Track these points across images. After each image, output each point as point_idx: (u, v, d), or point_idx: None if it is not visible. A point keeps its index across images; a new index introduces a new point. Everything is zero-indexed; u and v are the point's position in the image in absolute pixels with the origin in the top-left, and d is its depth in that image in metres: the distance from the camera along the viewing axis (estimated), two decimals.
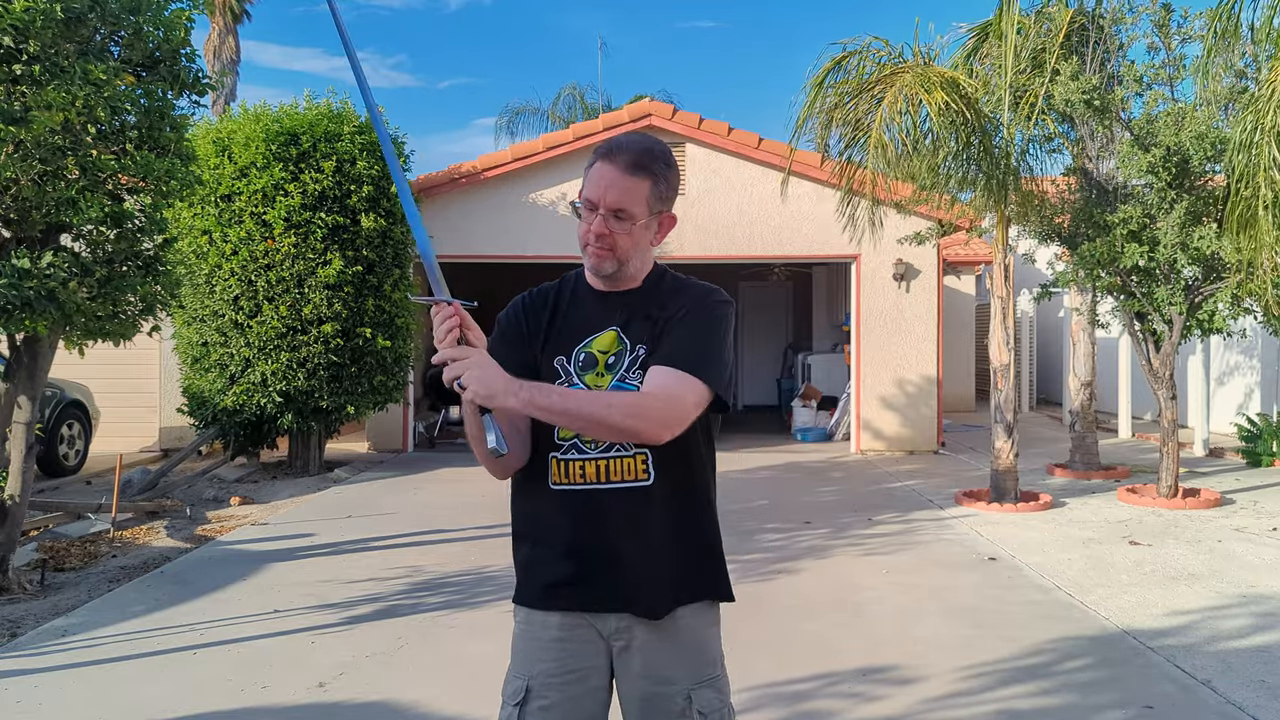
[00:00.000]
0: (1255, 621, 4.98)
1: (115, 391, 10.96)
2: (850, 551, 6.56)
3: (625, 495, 1.92)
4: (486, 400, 1.78)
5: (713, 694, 1.95)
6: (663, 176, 1.95)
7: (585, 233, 1.93)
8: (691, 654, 1.95)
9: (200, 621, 4.99)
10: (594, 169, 1.93)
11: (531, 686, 1.95)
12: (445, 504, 8.37)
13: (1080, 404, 9.94)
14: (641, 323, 1.96)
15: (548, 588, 1.97)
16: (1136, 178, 7.82)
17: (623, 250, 1.93)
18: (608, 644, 1.96)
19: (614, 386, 1.92)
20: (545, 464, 1.95)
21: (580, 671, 1.96)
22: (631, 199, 1.90)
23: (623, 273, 1.97)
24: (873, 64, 7.92)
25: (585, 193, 1.93)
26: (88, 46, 5.28)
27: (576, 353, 1.96)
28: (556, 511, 1.95)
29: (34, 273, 5.00)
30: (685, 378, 1.86)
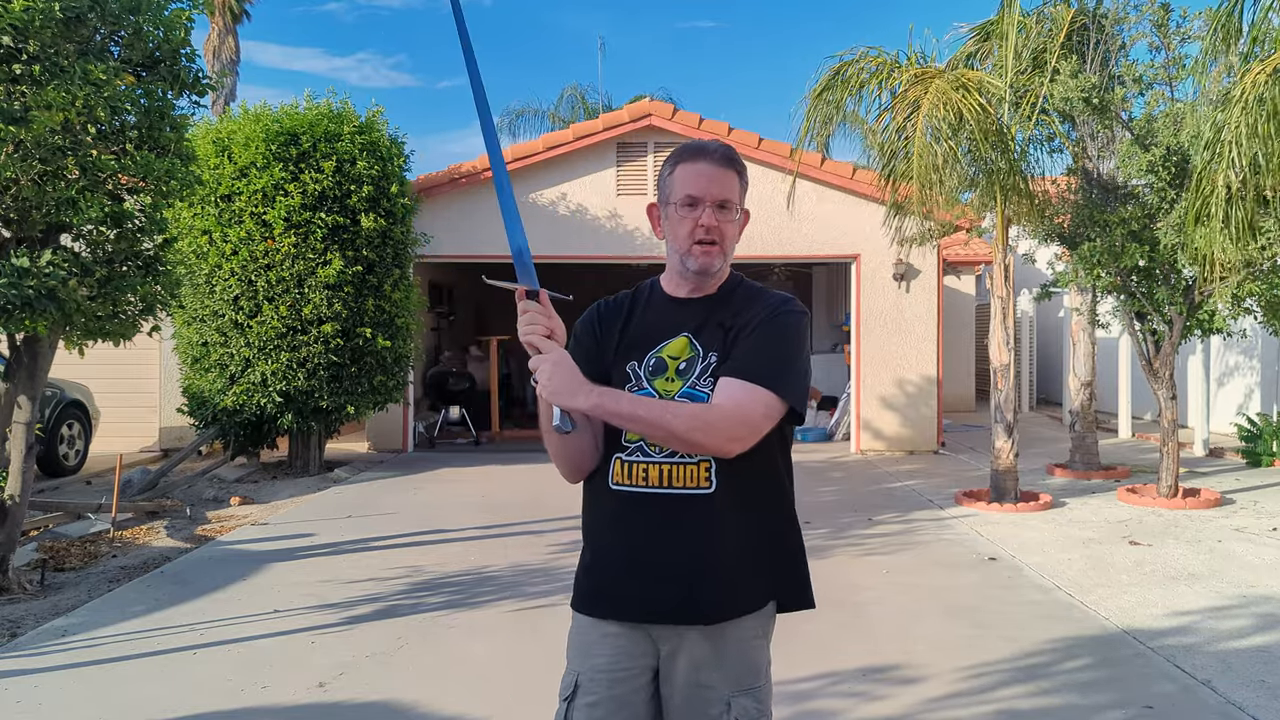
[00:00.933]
0: (1255, 621, 4.98)
1: (115, 391, 10.96)
2: (850, 551, 6.56)
3: (685, 502, 1.92)
4: (555, 398, 1.83)
5: (752, 703, 1.95)
6: (744, 171, 2.02)
7: (692, 230, 1.95)
8: (735, 662, 1.95)
9: (200, 621, 4.99)
10: (685, 168, 1.97)
11: (580, 682, 1.97)
12: (445, 504, 8.36)
13: (1080, 404, 9.94)
14: (714, 330, 1.97)
15: (602, 597, 1.99)
16: (1136, 177, 7.83)
17: (729, 242, 1.98)
18: (656, 646, 1.97)
19: (684, 393, 1.93)
20: (609, 464, 1.97)
21: (631, 670, 1.97)
22: (731, 190, 1.97)
23: (721, 271, 2.01)
24: (869, 71, 7.94)
25: (682, 191, 1.96)
26: (88, 46, 5.27)
27: (648, 358, 1.98)
28: (615, 513, 1.97)
29: (34, 272, 5.00)
30: (755, 389, 1.87)
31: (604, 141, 11.71)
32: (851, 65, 7.97)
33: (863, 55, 7.99)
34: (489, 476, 9.91)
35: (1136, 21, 8.15)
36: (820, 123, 8.12)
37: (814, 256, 12.39)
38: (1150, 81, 7.92)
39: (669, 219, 2.00)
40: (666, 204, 2.00)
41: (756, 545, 1.98)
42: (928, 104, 7.26)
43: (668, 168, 2.01)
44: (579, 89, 21.43)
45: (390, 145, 10.07)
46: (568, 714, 1.97)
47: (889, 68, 7.89)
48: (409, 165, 10.49)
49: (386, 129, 10.18)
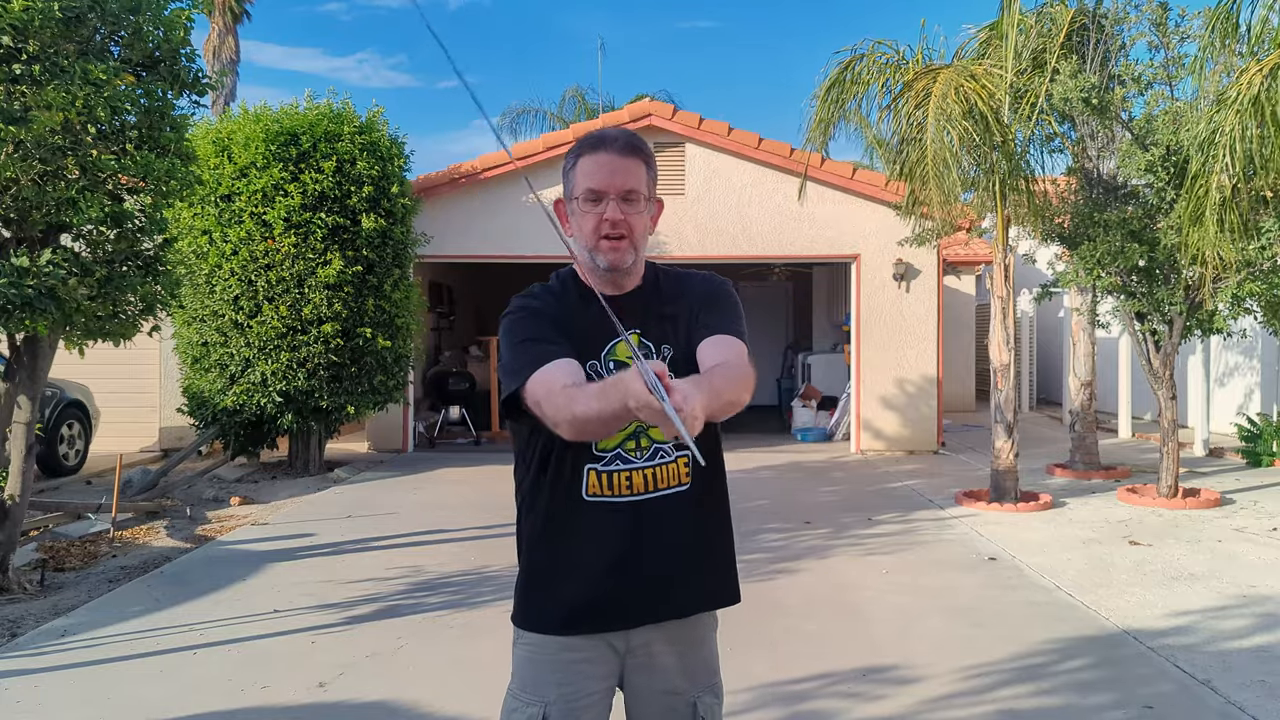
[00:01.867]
0: (1255, 621, 4.98)
1: (115, 391, 10.95)
2: (850, 551, 6.55)
3: (668, 502, 1.90)
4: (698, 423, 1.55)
5: (713, 699, 2.01)
6: (652, 159, 1.95)
7: (598, 224, 1.86)
8: (697, 664, 2.00)
9: (200, 621, 4.99)
10: (587, 161, 1.89)
11: (549, 714, 1.90)
12: (445, 504, 8.36)
13: (1080, 404, 9.94)
14: (657, 322, 1.93)
15: (572, 613, 1.92)
16: (1136, 177, 7.83)
17: (638, 236, 1.90)
18: (622, 659, 1.96)
19: None
20: (579, 475, 1.88)
21: (598, 693, 1.95)
22: (638, 180, 1.89)
23: (635, 266, 1.93)
24: (875, 68, 7.93)
25: (585, 185, 1.87)
26: (88, 46, 5.27)
27: (606, 360, 1.91)
28: (590, 525, 1.90)
29: (34, 272, 5.00)
30: (737, 342, 1.88)
31: None
32: (861, 61, 7.97)
33: (872, 50, 7.99)
34: (489, 476, 9.91)
35: (1136, 21, 8.15)
36: (824, 123, 8.12)
37: (814, 256, 12.39)
38: (1150, 81, 7.92)
39: (574, 215, 1.92)
40: (570, 199, 1.92)
41: (719, 536, 2.02)
42: (938, 91, 7.26)
43: (569, 160, 1.93)
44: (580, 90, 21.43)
45: (390, 145, 10.07)
46: None
47: (897, 63, 7.89)
48: (409, 165, 10.49)
49: (386, 129, 10.17)
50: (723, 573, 2.03)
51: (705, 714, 1.97)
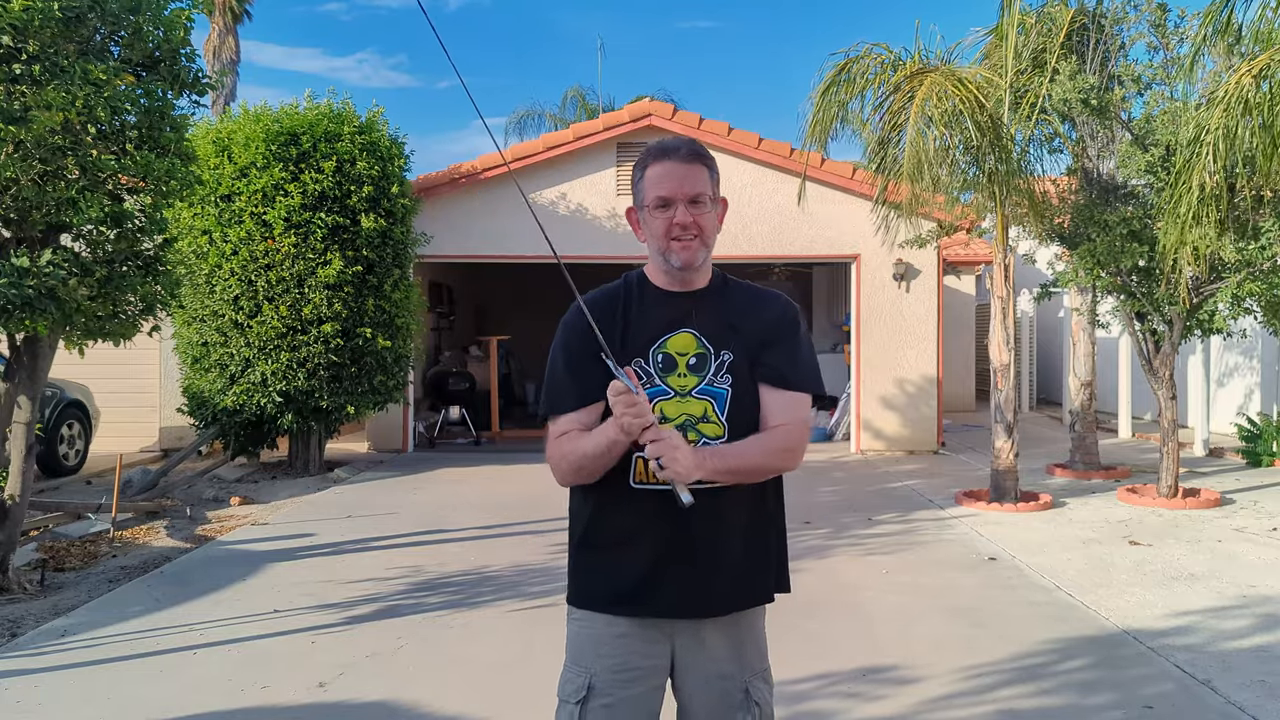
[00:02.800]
0: (1255, 621, 4.98)
1: (115, 391, 10.95)
2: (850, 551, 6.55)
3: (708, 495, 1.94)
4: (682, 477, 1.85)
5: (764, 685, 2.07)
6: (714, 162, 2.07)
7: (668, 228, 1.99)
8: (749, 650, 2.06)
9: (200, 621, 4.99)
10: (654, 170, 2.01)
11: (594, 684, 1.98)
12: (445, 504, 8.36)
13: (1080, 404, 9.94)
14: (721, 329, 2.03)
15: (618, 596, 2.00)
16: (1136, 177, 7.83)
17: (708, 235, 2.02)
18: (672, 641, 2.02)
19: (701, 390, 1.99)
20: (628, 462, 1.97)
21: (644, 669, 2.00)
22: (702, 184, 2.00)
23: (704, 265, 2.05)
24: (873, 69, 7.92)
25: (654, 193, 2.00)
26: (88, 46, 5.27)
27: (654, 353, 2.01)
28: (635, 512, 1.98)
29: (34, 272, 5.00)
30: (804, 399, 2.03)
31: (604, 142, 11.71)
32: (857, 62, 7.97)
33: (867, 52, 7.98)
34: (489, 476, 9.91)
35: (1135, 21, 8.15)
36: (824, 122, 8.11)
37: (814, 256, 12.40)
38: (1149, 81, 7.93)
39: (646, 222, 2.04)
40: (641, 207, 2.05)
41: (765, 532, 2.07)
42: (921, 96, 7.27)
43: (638, 172, 2.05)
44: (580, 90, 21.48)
45: (390, 145, 10.07)
46: (582, 716, 1.97)
47: (892, 65, 7.88)
48: (409, 165, 10.49)
49: (386, 129, 10.17)
50: (769, 569, 2.08)
51: (758, 699, 2.03)
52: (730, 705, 2.01)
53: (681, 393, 1.99)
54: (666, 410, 1.98)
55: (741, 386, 2.00)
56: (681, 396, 1.99)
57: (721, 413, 1.98)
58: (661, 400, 1.98)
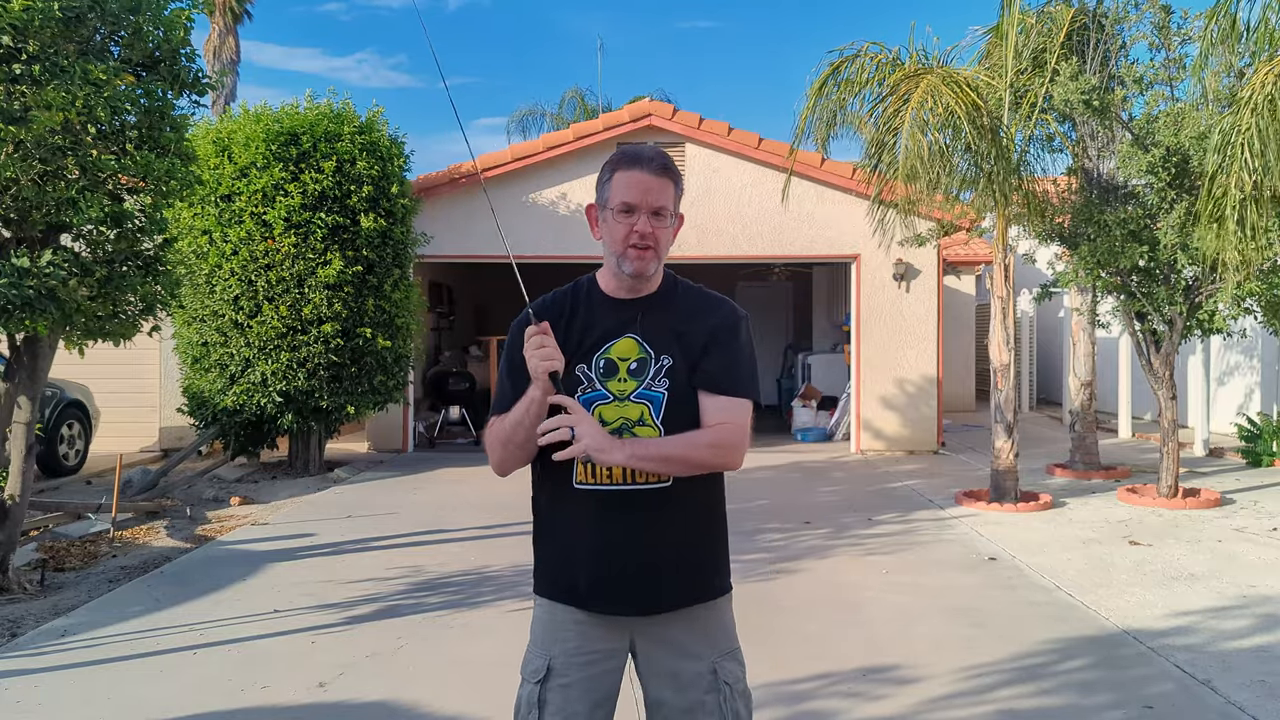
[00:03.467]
0: (1255, 621, 4.98)
1: (115, 391, 10.95)
2: (850, 551, 6.55)
3: (648, 496, 2.03)
4: (598, 455, 1.92)
5: (734, 664, 2.11)
6: (680, 179, 2.12)
7: (627, 235, 2.04)
8: (714, 631, 2.11)
9: (200, 621, 4.99)
10: (623, 175, 2.05)
11: (553, 665, 2.08)
12: (445, 504, 8.36)
13: (1080, 404, 9.94)
14: (664, 334, 2.08)
15: (571, 590, 2.09)
16: (1136, 178, 7.82)
17: (662, 248, 2.07)
18: (630, 631, 2.09)
19: (639, 394, 2.04)
20: (570, 464, 2.04)
21: (601, 652, 2.09)
22: (666, 198, 2.05)
23: (655, 274, 2.10)
24: (870, 68, 7.91)
25: (619, 198, 2.04)
26: (87, 46, 5.27)
27: (596, 359, 2.07)
28: (580, 511, 2.06)
29: (34, 272, 5.00)
30: (743, 403, 2.06)
31: (604, 141, 11.70)
32: (852, 61, 7.95)
33: (863, 51, 7.97)
34: (489, 476, 9.83)
35: (1137, 21, 8.15)
36: (822, 121, 8.11)
37: (814, 256, 12.39)
38: (1151, 82, 7.92)
39: (605, 222, 2.08)
40: (604, 208, 2.08)
41: (708, 533, 2.14)
42: (917, 97, 7.26)
43: (606, 172, 2.09)
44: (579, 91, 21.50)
45: (390, 145, 10.07)
46: (541, 695, 2.06)
47: (889, 65, 7.88)
48: (409, 165, 10.49)
49: (386, 129, 10.17)
50: (710, 569, 2.14)
51: (728, 679, 2.07)
52: (698, 688, 2.06)
53: (621, 397, 2.04)
54: (605, 414, 2.03)
55: (678, 391, 2.04)
56: (620, 401, 2.04)
57: (657, 416, 2.03)
58: (601, 405, 2.04)
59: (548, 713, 2.05)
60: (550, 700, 2.06)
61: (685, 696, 2.06)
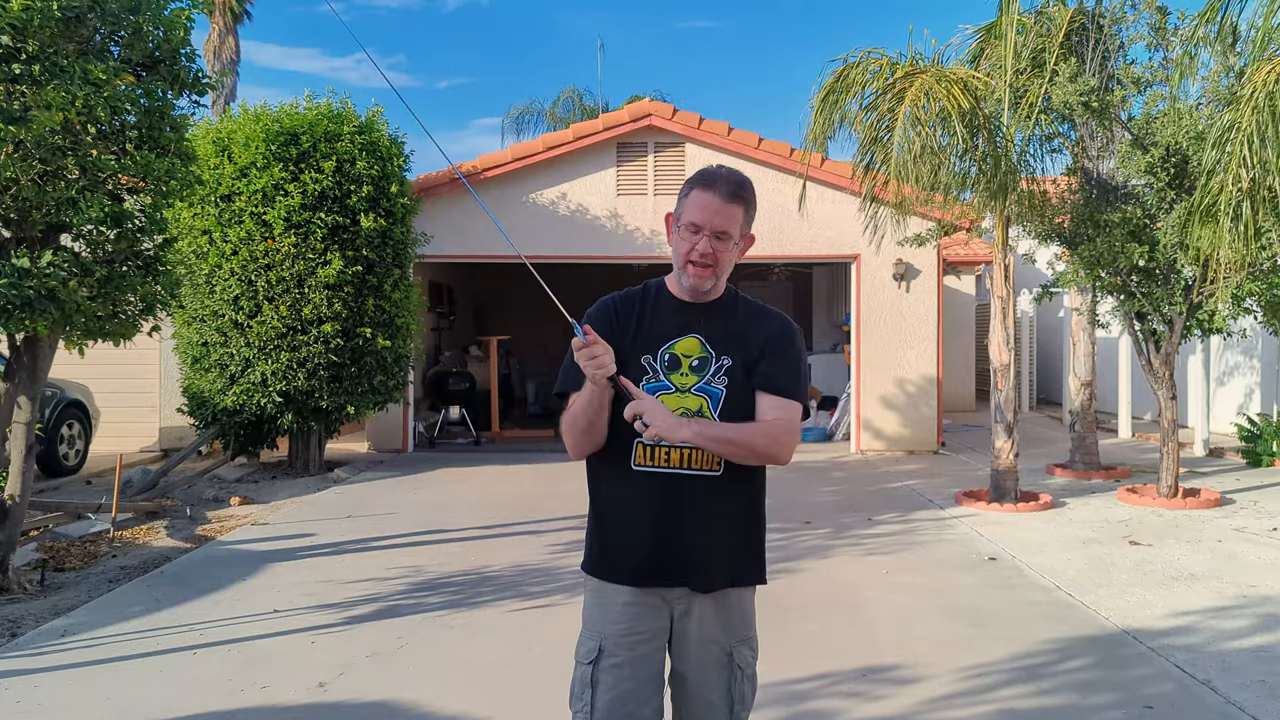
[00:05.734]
0: (1255, 621, 4.98)
1: (115, 391, 10.95)
2: (850, 551, 6.56)
3: (700, 482, 2.20)
4: (667, 434, 2.08)
5: (748, 651, 2.31)
6: (753, 204, 2.29)
7: (689, 251, 2.20)
8: (735, 619, 2.28)
9: (200, 621, 4.99)
10: (695, 196, 2.22)
11: (604, 646, 2.23)
12: (445, 504, 8.36)
13: (1080, 404, 9.94)
14: (727, 338, 2.25)
15: (623, 566, 2.24)
16: (1136, 178, 7.83)
17: (722, 268, 2.24)
18: (670, 609, 2.25)
19: (700, 388, 2.21)
20: (629, 448, 2.20)
21: (648, 633, 2.23)
22: (732, 223, 2.22)
23: (715, 288, 2.27)
24: (871, 73, 7.91)
25: (688, 217, 2.21)
26: (87, 46, 5.27)
27: (661, 353, 2.24)
28: (636, 491, 2.22)
29: (34, 272, 5.00)
30: (794, 405, 2.22)
31: (604, 141, 11.71)
32: (855, 68, 7.96)
33: (864, 57, 7.97)
34: (489, 476, 9.91)
35: (1134, 21, 8.15)
36: (823, 124, 8.11)
37: (814, 256, 12.40)
38: (1149, 82, 7.92)
39: (676, 234, 2.26)
40: (677, 222, 2.26)
41: (750, 522, 2.30)
42: (910, 97, 7.27)
43: (685, 188, 2.26)
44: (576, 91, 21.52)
45: (390, 145, 10.07)
46: (594, 676, 2.21)
47: (888, 68, 7.87)
48: (409, 165, 10.48)
49: (386, 129, 10.17)
50: (750, 555, 2.31)
51: (740, 663, 2.27)
52: (717, 666, 2.24)
53: (682, 389, 2.21)
54: (667, 403, 2.17)
55: (735, 389, 2.21)
56: (681, 392, 2.20)
57: (715, 409, 2.20)
58: (663, 394, 2.19)
59: (600, 691, 2.20)
60: (602, 680, 2.20)
61: (702, 673, 2.24)
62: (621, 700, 2.19)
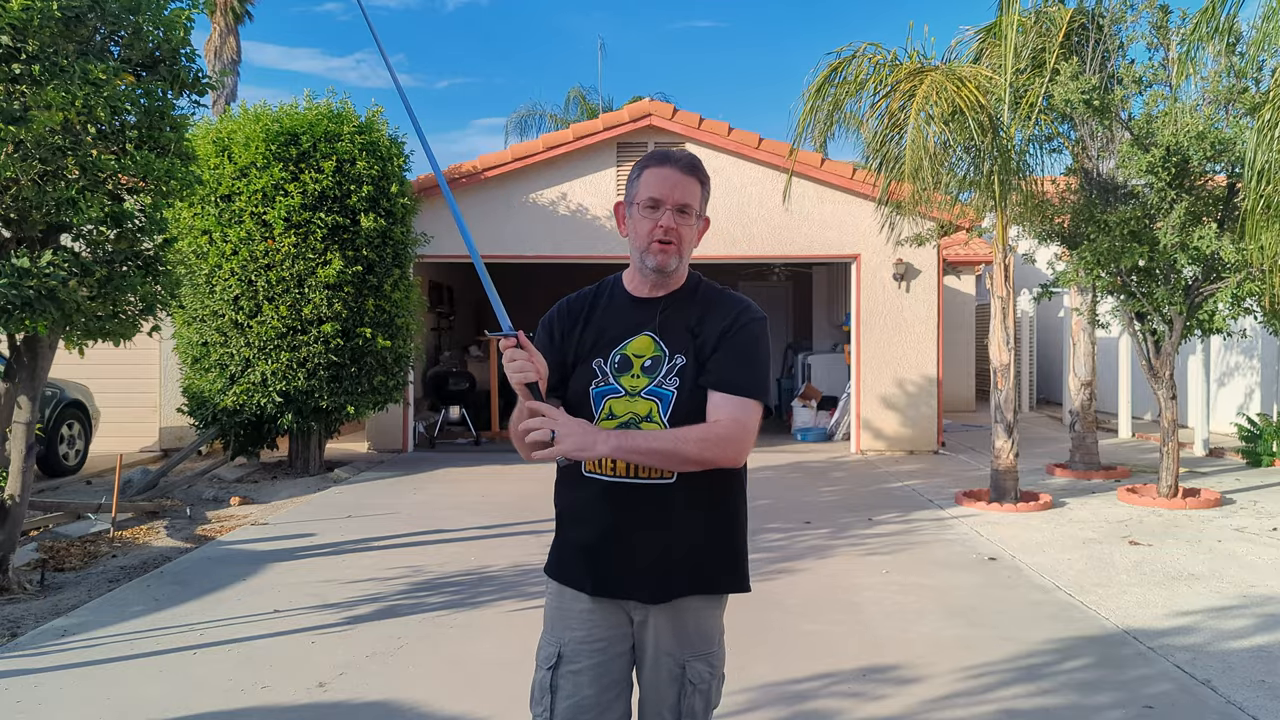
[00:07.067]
0: (1255, 621, 4.98)
1: (115, 391, 10.96)
2: (850, 551, 6.55)
3: (650, 491, 2.09)
4: (580, 453, 1.97)
5: (704, 666, 2.15)
6: (708, 181, 2.19)
7: (651, 230, 2.10)
8: (690, 631, 2.15)
9: (200, 621, 4.99)
10: (651, 172, 2.12)
11: (563, 652, 2.16)
12: (445, 504, 8.36)
13: (1080, 404, 9.94)
14: (680, 332, 2.13)
15: (577, 574, 2.16)
16: (1136, 178, 7.82)
17: (685, 245, 2.14)
18: (630, 617, 2.16)
19: (650, 390, 2.09)
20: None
21: (606, 640, 2.16)
22: (692, 196, 2.12)
23: (678, 271, 2.16)
24: (868, 69, 7.90)
25: (647, 193, 2.11)
26: (87, 46, 5.27)
27: (613, 355, 2.14)
28: (588, 498, 2.13)
29: (34, 272, 5.00)
30: (745, 401, 2.06)
31: (604, 142, 11.71)
32: (850, 62, 7.94)
33: (860, 52, 7.96)
34: (489, 476, 9.91)
35: (1134, 21, 8.15)
36: (821, 122, 8.10)
37: (814, 256, 12.40)
38: (1150, 82, 7.92)
39: (632, 218, 2.15)
40: (631, 204, 2.15)
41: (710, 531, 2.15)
42: (922, 94, 7.26)
43: (636, 170, 2.16)
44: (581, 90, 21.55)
45: (390, 145, 10.07)
46: (553, 681, 2.15)
47: (888, 66, 7.87)
48: (409, 165, 10.48)
49: (386, 129, 10.17)
50: (719, 564, 2.17)
51: (694, 679, 2.13)
52: (669, 680, 2.13)
53: (632, 392, 2.10)
54: (615, 408, 2.10)
55: (687, 390, 2.08)
56: (631, 396, 2.09)
57: (665, 413, 2.07)
58: (612, 399, 2.10)
59: (560, 697, 2.14)
60: (562, 686, 2.14)
61: (654, 686, 2.15)
62: (581, 707, 2.13)
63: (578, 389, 2.13)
